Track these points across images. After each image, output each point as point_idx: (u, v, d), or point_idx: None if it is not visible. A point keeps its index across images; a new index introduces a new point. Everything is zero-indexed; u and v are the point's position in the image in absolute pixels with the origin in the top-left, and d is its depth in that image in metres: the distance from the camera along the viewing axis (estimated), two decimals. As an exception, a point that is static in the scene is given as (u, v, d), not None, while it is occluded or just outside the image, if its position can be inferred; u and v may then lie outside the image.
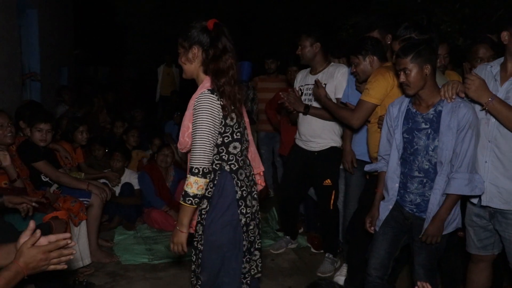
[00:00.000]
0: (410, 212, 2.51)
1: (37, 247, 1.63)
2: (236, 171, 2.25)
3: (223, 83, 2.15)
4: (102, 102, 7.39)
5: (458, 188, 2.33)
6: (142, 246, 4.11)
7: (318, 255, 3.99)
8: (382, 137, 2.65)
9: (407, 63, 2.34)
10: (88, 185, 3.72)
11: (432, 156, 2.40)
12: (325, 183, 3.63)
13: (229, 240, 2.24)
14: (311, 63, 3.64)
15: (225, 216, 2.23)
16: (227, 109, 2.16)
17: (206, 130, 2.11)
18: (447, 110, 2.35)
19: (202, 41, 2.19)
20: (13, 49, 5.12)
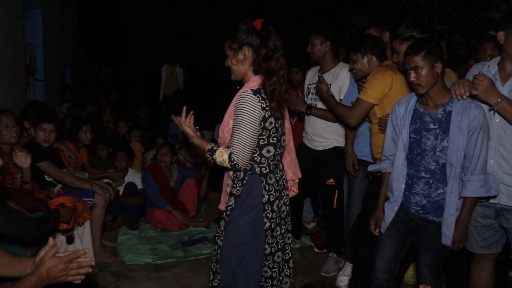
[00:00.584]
0: (415, 213, 2.47)
1: (58, 257, 1.70)
2: (266, 175, 2.26)
3: (274, 82, 2.17)
4: (106, 102, 7.41)
5: (474, 191, 2.29)
6: (145, 246, 4.11)
7: (322, 254, 3.98)
8: (387, 137, 2.59)
9: (419, 61, 2.28)
10: (91, 185, 3.73)
11: (440, 157, 2.36)
12: (328, 183, 3.63)
13: (248, 240, 2.24)
14: (321, 61, 3.62)
15: (248, 217, 2.24)
16: (272, 110, 2.18)
17: (246, 130, 2.13)
18: (457, 111, 2.29)
19: (251, 42, 2.20)
20: (18, 49, 5.14)
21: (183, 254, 3.94)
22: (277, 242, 2.34)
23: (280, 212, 2.34)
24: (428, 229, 2.44)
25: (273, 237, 2.31)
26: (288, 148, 2.47)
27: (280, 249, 2.36)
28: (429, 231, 2.44)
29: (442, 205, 2.38)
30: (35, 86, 6.46)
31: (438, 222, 2.40)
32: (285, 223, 2.40)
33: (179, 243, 4.19)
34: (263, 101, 2.17)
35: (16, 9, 5.11)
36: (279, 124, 2.28)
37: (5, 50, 4.69)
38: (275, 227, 2.30)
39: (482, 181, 2.30)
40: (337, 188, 3.62)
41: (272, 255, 2.33)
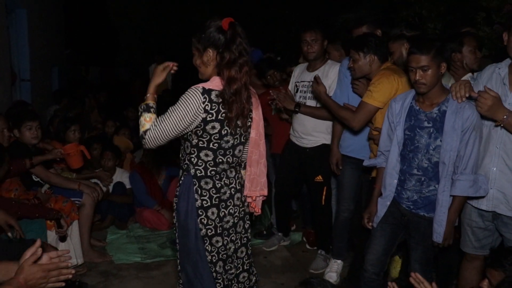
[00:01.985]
0: (406, 209, 2.50)
1: (38, 265, 1.67)
2: (200, 178, 2.16)
3: (234, 91, 2.06)
4: (94, 102, 7.36)
5: (463, 190, 2.32)
6: (134, 245, 4.10)
7: (311, 252, 4.01)
8: (383, 132, 2.62)
9: (428, 61, 2.27)
10: (79, 185, 3.71)
11: (433, 155, 2.38)
12: (316, 179, 3.64)
13: (195, 249, 2.21)
14: (317, 60, 3.60)
15: (190, 223, 2.19)
16: (230, 121, 2.08)
17: (172, 120, 2.03)
18: (452, 111, 2.31)
19: (216, 43, 2.07)
20: (2, 49, 5.09)
21: (172, 253, 3.94)
22: (218, 252, 2.24)
23: (222, 222, 2.23)
24: (419, 224, 2.47)
25: (212, 245, 2.22)
26: (249, 161, 2.32)
27: (222, 259, 2.26)
28: (420, 226, 2.47)
29: (433, 200, 2.41)
30: (21, 87, 6.40)
31: (428, 217, 2.43)
32: (228, 235, 2.28)
33: (168, 242, 4.19)
34: (210, 104, 2.05)
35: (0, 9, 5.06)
36: (235, 132, 2.16)
37: (-10, 50, 4.65)
38: (212, 236, 2.21)
39: (472, 181, 2.32)
40: (326, 185, 3.64)
41: (213, 264, 2.24)
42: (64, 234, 3.25)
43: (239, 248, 2.34)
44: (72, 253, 3.39)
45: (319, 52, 3.56)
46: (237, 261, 2.35)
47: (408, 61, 2.36)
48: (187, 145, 2.17)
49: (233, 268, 2.32)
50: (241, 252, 2.36)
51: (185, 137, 2.17)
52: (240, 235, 2.34)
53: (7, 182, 3.19)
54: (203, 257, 2.21)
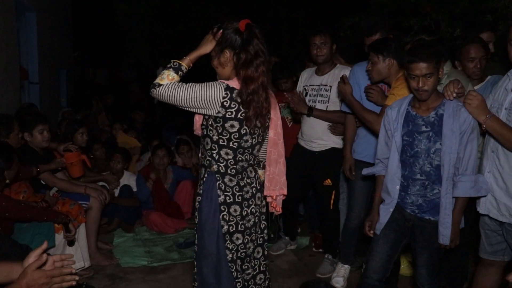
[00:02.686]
0: (411, 213, 2.50)
1: (41, 270, 1.66)
2: (223, 175, 2.20)
3: (252, 91, 2.09)
4: (101, 104, 7.40)
5: (465, 191, 2.35)
6: (141, 249, 4.10)
7: (318, 256, 3.99)
8: (380, 140, 2.63)
9: (432, 68, 2.28)
10: (85, 189, 3.71)
11: (434, 158, 2.40)
12: (325, 183, 3.63)
13: (217, 249, 2.22)
14: (326, 64, 3.59)
15: (213, 223, 2.20)
16: (248, 121, 2.11)
17: (189, 89, 2.06)
18: (449, 114, 2.34)
19: (233, 44, 2.11)
20: (12, 52, 5.12)
21: (178, 256, 3.94)
22: (237, 250, 2.26)
23: (244, 220, 2.26)
24: (424, 229, 2.46)
25: (232, 243, 2.23)
26: (268, 160, 2.36)
27: (240, 258, 2.28)
28: (425, 231, 2.46)
29: (438, 204, 2.41)
30: (29, 89, 6.44)
31: (434, 221, 2.43)
32: (249, 234, 2.30)
33: (174, 245, 4.19)
34: (230, 101, 2.09)
35: (10, 12, 5.10)
36: (253, 132, 2.19)
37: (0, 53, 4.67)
38: (234, 233, 2.23)
39: (473, 182, 2.36)
40: (334, 189, 3.63)
41: (233, 262, 2.25)
42: (72, 239, 3.26)
43: (255, 248, 2.37)
44: (78, 256, 3.40)
45: (328, 55, 3.55)
46: (254, 262, 2.37)
47: (409, 69, 2.33)
48: (207, 141, 2.20)
49: (249, 268, 2.35)
50: (258, 252, 2.39)
51: (205, 133, 2.20)
52: (257, 235, 2.37)
53: (16, 185, 3.21)
54: (223, 256, 2.22)
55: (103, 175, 4.55)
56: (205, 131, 2.20)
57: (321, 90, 3.60)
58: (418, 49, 2.34)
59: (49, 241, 3.07)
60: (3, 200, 2.75)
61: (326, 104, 3.57)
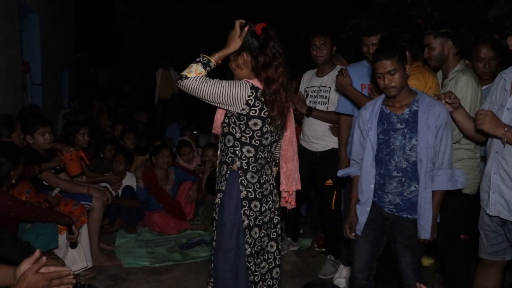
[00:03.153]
0: (389, 212, 2.50)
1: (41, 273, 1.68)
2: (246, 171, 2.26)
3: (274, 91, 2.16)
4: (103, 106, 7.42)
5: (442, 184, 2.39)
6: (143, 249, 4.11)
7: (320, 257, 3.99)
8: (355, 141, 2.64)
9: (395, 65, 2.33)
10: (88, 189, 3.72)
11: (410, 155, 2.42)
12: (326, 183, 3.64)
13: (236, 245, 2.26)
14: (326, 65, 3.60)
15: (234, 219, 2.25)
16: (273, 120, 2.19)
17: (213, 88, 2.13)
18: (423, 109, 2.38)
19: (250, 47, 2.19)
20: (15, 53, 5.14)
21: (180, 257, 3.95)
22: (254, 244, 2.32)
23: (262, 215, 2.32)
24: (404, 227, 2.48)
25: (251, 237, 2.30)
26: (285, 158, 2.47)
27: (256, 251, 2.34)
28: (405, 229, 2.47)
29: (415, 202, 2.43)
30: (32, 90, 6.46)
31: (412, 219, 2.45)
32: (266, 228, 2.37)
33: (176, 246, 4.19)
34: (255, 100, 2.16)
35: (13, 14, 5.12)
36: (274, 130, 2.27)
37: (2, 55, 4.69)
38: (253, 227, 2.29)
39: (449, 175, 2.39)
40: (335, 189, 3.63)
41: (252, 256, 2.31)
42: (75, 241, 3.26)
43: (269, 242, 2.43)
44: (81, 256, 3.42)
45: (328, 56, 3.56)
46: (268, 255, 2.43)
47: (374, 68, 2.39)
48: (229, 139, 2.26)
49: (263, 262, 2.41)
50: (271, 246, 2.45)
51: (226, 131, 2.26)
52: (271, 230, 2.43)
53: (19, 185, 3.22)
54: (242, 250, 2.27)
55: (105, 176, 4.57)
56: (227, 128, 2.26)
57: (321, 92, 3.61)
58: (380, 48, 2.43)
59: (52, 242, 3.09)
60: (9, 200, 2.77)
61: (326, 105, 3.58)
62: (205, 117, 7.75)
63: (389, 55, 2.33)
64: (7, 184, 2.84)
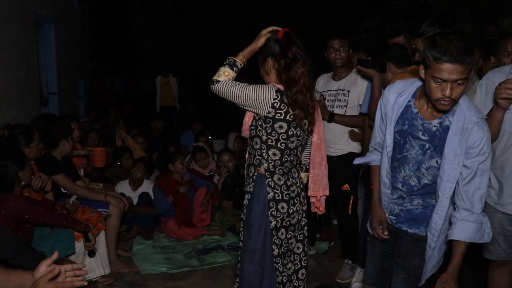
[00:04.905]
0: (390, 223, 2.20)
1: (53, 282, 1.70)
2: (273, 173, 2.31)
3: (295, 91, 2.22)
4: (118, 114, 7.49)
5: (468, 234, 1.90)
6: (160, 256, 4.12)
7: (337, 261, 3.95)
8: (376, 125, 2.22)
9: (467, 72, 1.74)
10: (105, 196, 3.75)
11: (424, 175, 2.01)
12: (343, 188, 3.61)
13: (263, 246, 2.31)
14: (343, 68, 3.59)
15: (261, 221, 2.30)
16: (297, 119, 2.23)
17: (244, 88, 2.22)
18: (456, 130, 1.87)
19: (273, 52, 2.29)
20: (31, 63, 5.22)
21: (198, 263, 3.95)
22: (281, 245, 2.36)
23: (289, 216, 2.37)
24: (401, 242, 2.15)
25: (278, 238, 2.34)
26: (312, 163, 2.51)
27: (283, 252, 2.38)
28: (402, 245, 2.14)
29: (416, 214, 2.10)
30: (49, 99, 6.55)
31: (412, 233, 2.11)
32: (293, 230, 2.42)
33: (193, 251, 4.19)
34: (280, 103, 2.22)
35: (29, 25, 5.20)
36: (300, 134, 2.31)
37: (19, 65, 4.77)
38: (280, 228, 2.33)
39: (480, 224, 1.91)
40: (352, 193, 3.60)
41: (280, 257, 2.35)
42: (92, 248, 3.27)
43: (296, 243, 2.47)
44: (98, 263, 3.43)
45: (346, 59, 3.55)
46: (294, 257, 2.47)
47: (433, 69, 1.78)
48: (256, 141, 2.32)
49: (289, 263, 2.44)
50: (298, 248, 2.48)
51: (254, 134, 2.33)
52: (298, 232, 2.47)
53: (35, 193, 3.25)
54: (269, 251, 2.32)
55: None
56: (255, 131, 2.33)
57: (339, 95, 3.58)
58: (450, 45, 1.72)
59: (69, 248, 3.10)
60: (23, 203, 2.80)
61: (344, 109, 3.55)
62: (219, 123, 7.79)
63: (463, 58, 1.70)
64: (18, 187, 2.87)
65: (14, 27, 4.65)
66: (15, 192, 2.83)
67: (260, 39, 2.32)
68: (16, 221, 2.75)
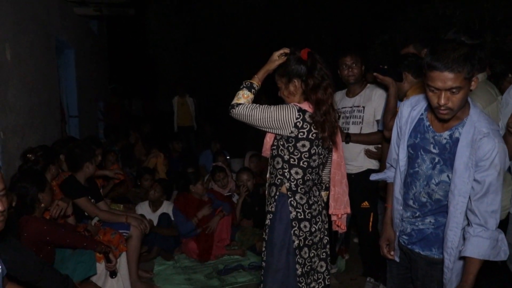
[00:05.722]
0: (402, 244, 2.12)
1: None
2: (295, 192, 2.30)
3: (324, 111, 2.23)
4: (137, 135, 7.59)
5: (482, 251, 1.81)
6: (181, 276, 4.12)
7: (359, 279, 3.90)
8: (392, 141, 2.17)
9: (461, 81, 1.71)
10: (126, 218, 3.77)
11: (435, 191, 1.93)
12: (362, 206, 3.58)
13: (286, 265, 2.30)
14: (357, 84, 3.59)
15: (284, 240, 2.29)
16: (324, 141, 2.25)
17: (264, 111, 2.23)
18: (467, 142, 1.80)
19: (300, 73, 2.29)
20: (53, 87, 5.35)
21: (219, 283, 3.93)
22: (304, 264, 2.35)
23: (312, 235, 2.36)
24: (417, 265, 2.06)
25: (301, 257, 2.33)
26: (333, 181, 2.51)
27: (306, 271, 2.37)
28: (418, 268, 2.06)
29: (427, 235, 2.01)
30: (69, 122, 6.68)
31: (424, 256, 2.03)
32: (316, 249, 2.41)
33: (214, 272, 4.18)
34: (303, 122, 2.23)
35: (51, 51, 5.35)
36: (321, 152, 2.32)
37: (42, 90, 4.89)
38: (303, 247, 2.33)
39: (495, 241, 1.82)
40: (372, 211, 3.57)
41: (303, 276, 2.34)
42: (114, 269, 3.29)
43: (319, 262, 2.46)
44: (120, 285, 3.44)
45: (359, 75, 3.55)
46: (318, 275, 2.46)
47: (428, 78, 1.78)
48: (278, 161, 2.33)
49: (313, 282, 2.43)
50: (321, 266, 2.47)
51: (276, 153, 2.34)
52: (321, 250, 2.46)
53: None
54: (293, 271, 2.31)
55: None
56: (276, 151, 2.34)
57: (354, 112, 3.57)
58: (444, 52, 1.72)
59: (90, 269, 3.13)
60: (44, 224, 2.84)
61: (360, 126, 3.53)
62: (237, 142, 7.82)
63: (456, 66, 1.69)
64: (39, 209, 2.91)
65: (37, 53, 4.79)
66: (36, 214, 2.88)
67: (274, 62, 2.33)
68: (38, 242, 2.79)
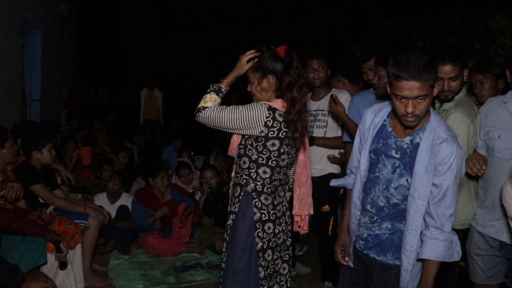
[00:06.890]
0: (358, 249, 2.10)
1: None
2: (260, 193, 2.27)
3: (297, 110, 2.20)
4: (102, 125, 7.39)
5: (439, 253, 1.87)
6: (137, 272, 4.02)
7: (317, 283, 3.91)
8: (354, 147, 2.19)
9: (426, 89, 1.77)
10: (85, 208, 3.64)
11: (393, 195, 1.95)
12: (323, 209, 3.58)
13: (247, 267, 2.25)
14: (322, 88, 3.58)
15: (246, 242, 2.25)
16: (294, 141, 2.23)
17: (232, 112, 2.17)
18: (427, 147, 1.85)
19: (276, 70, 2.25)
20: (16, 68, 5.14)
21: (175, 280, 3.86)
22: (267, 266, 2.32)
23: (276, 237, 2.33)
24: (372, 270, 2.06)
25: (264, 259, 2.30)
26: (298, 182, 2.49)
27: (269, 274, 2.34)
28: (372, 273, 2.06)
29: (383, 240, 2.02)
30: (31, 106, 6.45)
31: (379, 261, 2.03)
32: (279, 251, 2.38)
33: (171, 269, 4.10)
34: (273, 121, 2.19)
35: (16, 29, 5.14)
36: (290, 151, 2.30)
37: (4, 69, 4.69)
38: (266, 249, 2.29)
39: (450, 242, 1.88)
40: (332, 214, 3.58)
41: (266, 279, 2.30)
42: (64, 260, 3.15)
43: (282, 264, 2.43)
44: (71, 278, 3.33)
45: (325, 79, 3.56)
46: (280, 277, 2.43)
47: (394, 86, 1.82)
48: (244, 160, 2.28)
49: (275, 285, 2.40)
50: (284, 268, 2.44)
51: (242, 153, 2.29)
52: (284, 252, 2.43)
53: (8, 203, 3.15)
54: (254, 273, 2.26)
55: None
56: (244, 150, 2.29)
57: (319, 115, 3.58)
58: (408, 62, 1.77)
59: (39, 258, 3.00)
60: None
61: (324, 129, 3.55)
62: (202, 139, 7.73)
63: (420, 75, 1.73)
64: None
65: (1, 31, 4.59)
66: None
67: (243, 67, 2.28)
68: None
